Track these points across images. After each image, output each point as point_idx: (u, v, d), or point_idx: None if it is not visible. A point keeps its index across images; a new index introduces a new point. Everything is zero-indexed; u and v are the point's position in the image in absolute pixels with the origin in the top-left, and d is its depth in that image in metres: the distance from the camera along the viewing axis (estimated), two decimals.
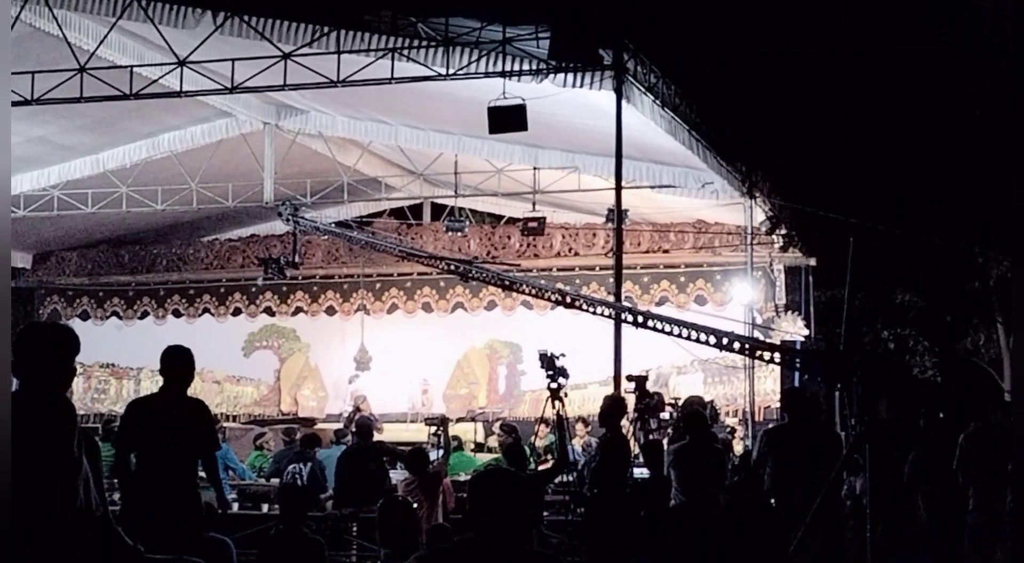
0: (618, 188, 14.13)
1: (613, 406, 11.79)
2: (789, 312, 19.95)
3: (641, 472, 12.30)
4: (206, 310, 23.63)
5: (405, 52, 13.84)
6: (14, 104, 14.72)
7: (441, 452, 14.62)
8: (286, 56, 14.10)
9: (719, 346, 11.70)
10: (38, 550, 4.70)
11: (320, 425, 19.68)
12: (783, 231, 18.79)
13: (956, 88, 22.90)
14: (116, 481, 9.47)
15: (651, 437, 12.70)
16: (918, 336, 27.65)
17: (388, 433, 18.06)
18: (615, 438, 11.59)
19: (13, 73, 14.36)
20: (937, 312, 27.49)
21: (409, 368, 21.57)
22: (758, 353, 12.18)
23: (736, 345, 11.68)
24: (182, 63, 14.56)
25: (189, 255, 23.77)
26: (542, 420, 14.37)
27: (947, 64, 23.14)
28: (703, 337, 11.59)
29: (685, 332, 11.77)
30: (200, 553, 6.90)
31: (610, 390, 13.38)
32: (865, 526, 8.89)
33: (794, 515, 9.33)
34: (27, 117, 16.86)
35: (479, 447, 18.22)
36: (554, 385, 12.02)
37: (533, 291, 15.22)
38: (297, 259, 19.69)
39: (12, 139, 17.86)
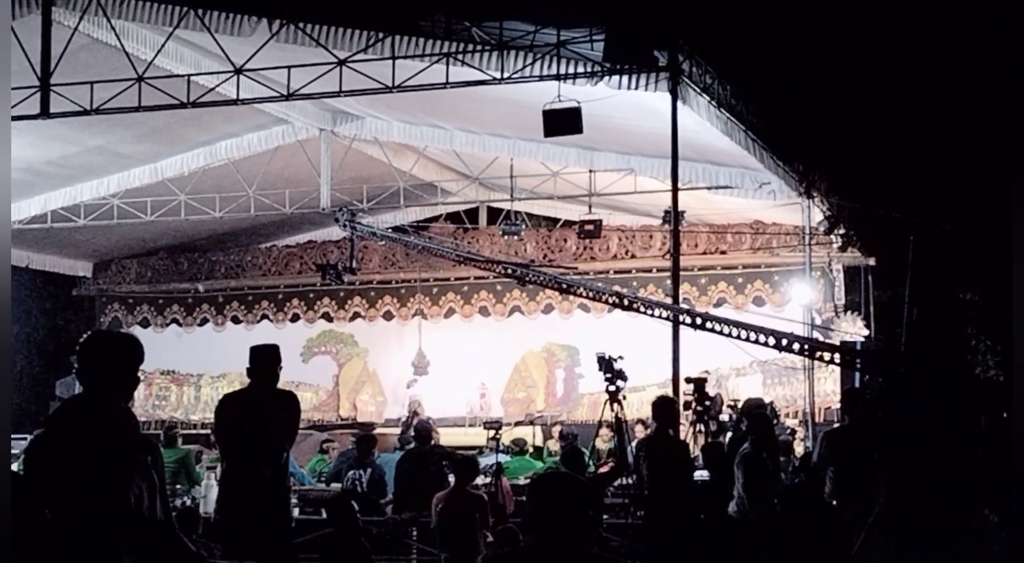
0: (674, 190, 14.07)
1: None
2: (849, 312, 19.80)
3: (701, 474, 12.25)
4: (264, 316, 23.79)
5: (459, 56, 13.84)
6: (74, 114, 14.90)
7: (500, 456, 14.61)
8: (341, 62, 14.14)
9: (778, 347, 11.63)
10: (103, 556, 4.74)
11: (379, 430, 19.74)
12: (841, 231, 18.64)
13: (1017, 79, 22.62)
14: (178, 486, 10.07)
15: (710, 439, 12.65)
16: (980, 335, 27.35)
17: (446, 437, 18.08)
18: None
19: (72, 84, 14.55)
20: (999, 310, 27.18)
21: (467, 372, 21.60)
22: (818, 354, 12.10)
23: (795, 346, 11.60)
24: (238, 71, 14.63)
25: (247, 262, 23.94)
26: (602, 423, 14.35)
27: (1012, 54, 22.87)
28: (762, 338, 11.51)
29: (744, 333, 11.70)
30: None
31: (668, 392, 13.35)
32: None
33: (856, 517, 9.25)
34: (86, 127, 17.02)
35: (537, 451, 18.20)
36: (612, 388, 11.99)
37: (590, 294, 15.19)
38: (355, 264, 19.76)
39: (72, 149, 18.18)
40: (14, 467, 5.60)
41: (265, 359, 9.65)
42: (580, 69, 13.50)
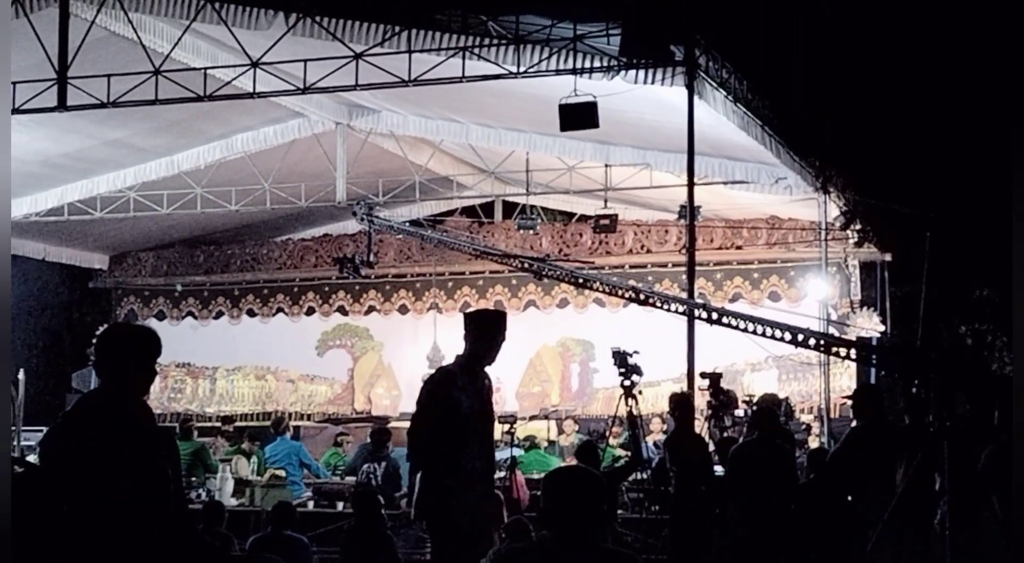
0: (690, 184, 14.06)
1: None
2: (864, 308, 19.78)
3: (716, 470, 12.23)
4: (280, 310, 23.83)
5: (476, 50, 13.84)
6: (91, 107, 14.93)
7: (514, 450, 14.57)
8: (358, 56, 14.15)
9: (794, 343, 11.58)
10: (120, 548, 4.75)
11: (394, 423, 19.75)
12: (858, 226, 18.60)
13: None
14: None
15: (725, 435, 12.62)
16: (996, 331, 27.27)
17: None
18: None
19: (89, 77, 14.58)
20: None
21: None
22: (833, 349, 12.04)
23: (811, 341, 11.55)
24: (255, 64, 14.65)
25: (263, 255, 23.98)
26: (616, 418, 14.34)
27: None
28: (777, 333, 11.46)
29: (759, 328, 11.66)
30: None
31: (683, 387, 13.34)
32: (944, 524, 8.78)
33: (872, 513, 9.24)
34: (103, 120, 17.06)
35: (551, 445, 18.20)
36: (627, 383, 11.98)
37: (606, 288, 15.16)
38: (371, 258, 19.79)
39: (89, 142, 18.21)
40: (31, 459, 5.62)
41: (498, 326, 8.42)
42: (596, 63, 13.49)
